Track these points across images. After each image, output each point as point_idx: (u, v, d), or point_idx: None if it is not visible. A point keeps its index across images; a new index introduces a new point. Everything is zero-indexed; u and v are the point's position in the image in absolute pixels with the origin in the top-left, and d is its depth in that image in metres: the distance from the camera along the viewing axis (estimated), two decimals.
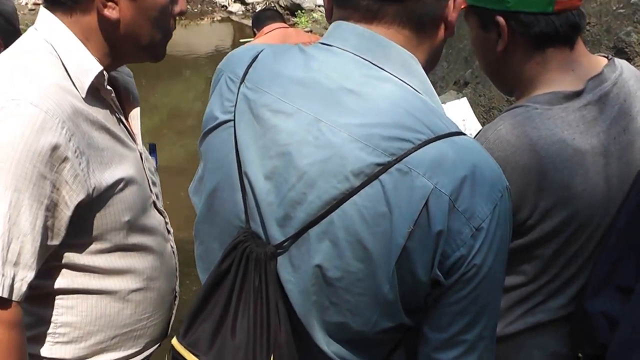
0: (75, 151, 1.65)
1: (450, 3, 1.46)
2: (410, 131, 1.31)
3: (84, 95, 1.73)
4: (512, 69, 1.97)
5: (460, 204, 1.29)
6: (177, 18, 1.95)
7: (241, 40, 14.48)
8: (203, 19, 16.92)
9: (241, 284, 1.41)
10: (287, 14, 16.69)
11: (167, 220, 2.14)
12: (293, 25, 15.60)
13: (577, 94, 1.85)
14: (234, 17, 17.09)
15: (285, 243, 1.38)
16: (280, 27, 5.26)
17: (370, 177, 1.30)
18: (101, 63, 1.78)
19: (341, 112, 1.36)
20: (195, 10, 16.90)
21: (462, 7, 1.64)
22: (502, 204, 1.34)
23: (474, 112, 2.70)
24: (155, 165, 2.13)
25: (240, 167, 1.44)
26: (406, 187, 1.29)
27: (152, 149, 2.11)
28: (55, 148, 1.59)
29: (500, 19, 1.86)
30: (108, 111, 1.84)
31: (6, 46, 2.35)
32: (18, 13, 10.58)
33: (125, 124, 1.94)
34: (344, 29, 1.46)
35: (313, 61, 1.45)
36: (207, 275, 1.48)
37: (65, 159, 1.62)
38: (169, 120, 9.90)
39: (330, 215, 1.33)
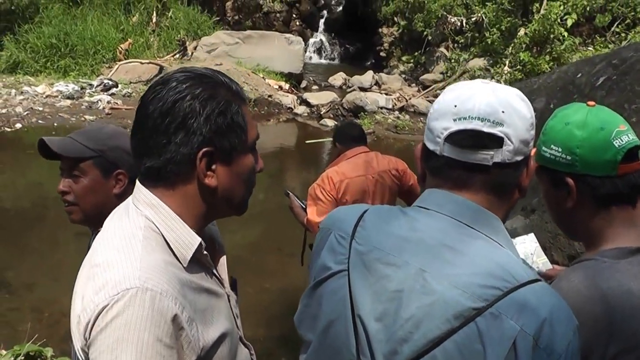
0: (187, 320, 1.73)
1: (524, 170, 1.78)
2: (499, 280, 1.59)
3: (185, 265, 1.81)
4: (580, 223, 2.15)
5: (542, 342, 1.54)
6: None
7: (307, 142, 14.94)
8: (269, 120, 17.31)
9: None
10: (351, 115, 17.13)
11: (252, 351, 2.21)
12: None
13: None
14: (299, 119, 17.49)
15: None
16: (363, 152, 5.55)
17: (468, 319, 1.57)
18: (197, 227, 1.86)
19: (442, 264, 1.65)
20: (262, 112, 17.36)
21: (534, 167, 1.94)
22: (574, 341, 1.59)
23: (541, 237, 2.92)
24: (237, 298, 2.16)
25: (353, 309, 1.72)
26: (497, 328, 1.54)
27: (234, 285, 2.15)
28: (173, 321, 1.67)
29: (570, 180, 2.08)
30: (204, 272, 1.91)
31: (131, 179, 2.63)
32: (95, 117, 11.32)
33: (216, 272, 2.00)
34: (439, 196, 1.78)
35: (415, 222, 1.76)
36: None
37: (181, 329, 1.70)
38: None
39: (433, 351, 1.59)
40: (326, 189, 5.31)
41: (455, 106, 1.73)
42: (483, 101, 1.70)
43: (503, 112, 1.69)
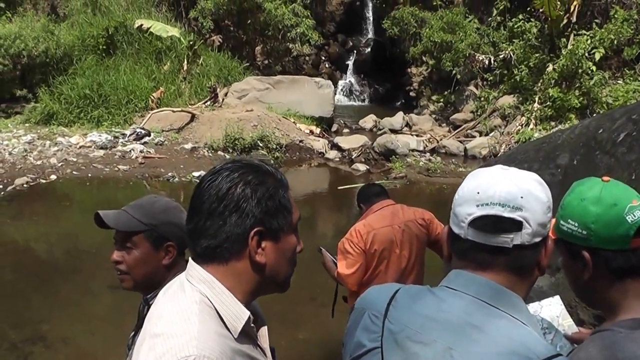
0: None
1: (543, 250, 1.93)
2: (522, 358, 1.72)
3: (236, 336, 1.96)
4: (596, 294, 2.22)
5: None
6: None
7: (339, 188, 14.95)
8: (301, 165, 17.42)
9: None
10: (382, 159, 17.14)
11: None
12: (388, 170, 16.03)
13: None
14: (330, 163, 17.55)
15: None
16: (389, 205, 5.66)
17: None
18: (245, 301, 2.01)
19: (468, 343, 1.79)
20: (294, 157, 17.48)
21: (553, 237, 2.11)
22: None
23: (567, 296, 2.95)
24: None
25: None
26: None
27: (273, 353, 2.27)
28: None
29: (586, 254, 2.15)
30: (251, 345, 2.06)
31: (180, 250, 2.90)
32: (129, 166, 11.42)
33: (259, 344, 2.15)
34: (464, 277, 1.93)
35: (442, 303, 1.90)
36: None
37: None
38: None
39: None
40: (354, 242, 5.38)
41: (478, 193, 1.89)
42: (503, 188, 1.86)
43: (522, 197, 1.84)
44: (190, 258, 2.05)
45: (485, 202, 1.86)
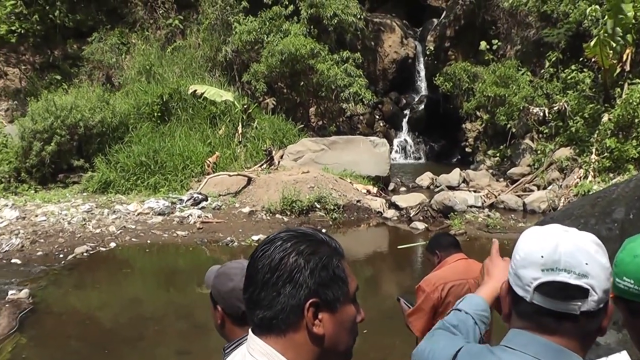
0: None
1: (605, 314, 1.97)
2: None
3: None
4: None
5: None
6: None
7: (399, 247, 14.81)
8: (359, 225, 17.23)
9: None
10: (441, 216, 16.99)
11: None
12: (447, 227, 15.85)
13: None
14: (389, 222, 17.38)
15: None
16: (462, 259, 5.71)
17: None
18: None
19: None
20: (352, 217, 17.33)
21: (611, 296, 2.08)
22: None
23: (634, 352, 2.92)
24: None
25: None
26: None
27: None
28: None
29: None
30: None
31: (229, 315, 3.00)
32: (187, 232, 11.50)
33: None
34: (524, 338, 1.97)
35: None
36: None
37: None
38: None
39: None
40: (428, 291, 5.46)
41: (542, 257, 1.92)
42: (568, 253, 1.91)
43: (587, 264, 1.90)
44: (250, 329, 2.03)
45: (551, 267, 1.90)
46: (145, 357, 9.30)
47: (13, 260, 14.13)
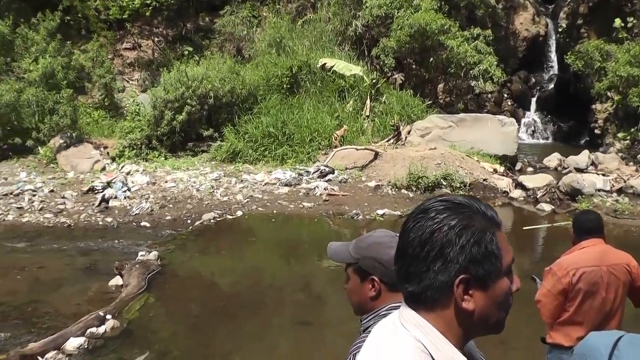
0: None
1: None
2: None
3: None
4: None
5: None
6: None
7: (524, 228, 14.50)
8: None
9: None
10: (568, 199, 16.55)
11: None
12: (574, 210, 15.41)
13: None
14: (514, 203, 17.06)
15: None
16: (598, 244, 5.45)
17: None
18: (458, 346, 1.95)
19: None
20: (478, 196, 16.84)
21: None
22: None
23: None
24: None
25: None
26: None
27: None
28: None
29: None
30: None
31: (386, 284, 2.89)
32: (313, 203, 11.60)
33: None
34: None
35: None
36: None
37: None
38: None
39: None
40: (559, 275, 5.33)
41: None
42: None
43: None
44: (402, 300, 2.01)
45: None
46: (264, 325, 9.43)
47: (142, 223, 14.70)
